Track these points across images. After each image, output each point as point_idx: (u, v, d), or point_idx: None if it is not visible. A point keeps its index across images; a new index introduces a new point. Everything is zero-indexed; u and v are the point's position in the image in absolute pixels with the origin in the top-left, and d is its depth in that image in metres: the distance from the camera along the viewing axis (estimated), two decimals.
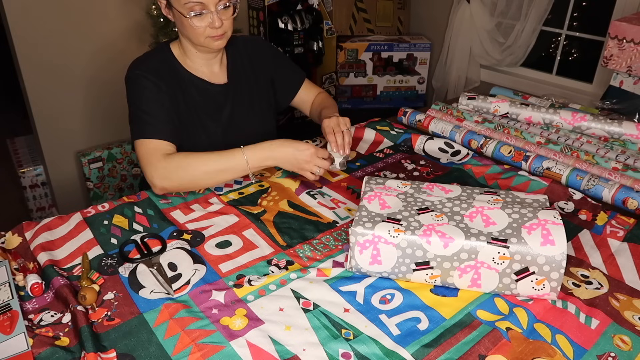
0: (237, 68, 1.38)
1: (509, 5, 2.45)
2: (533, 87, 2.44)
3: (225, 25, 1.21)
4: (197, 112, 1.32)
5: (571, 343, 0.84)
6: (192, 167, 1.17)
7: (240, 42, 1.40)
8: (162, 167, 1.16)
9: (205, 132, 1.33)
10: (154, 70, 1.24)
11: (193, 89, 1.31)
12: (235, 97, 1.37)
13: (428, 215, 0.95)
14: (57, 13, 2.10)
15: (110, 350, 0.82)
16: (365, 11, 2.92)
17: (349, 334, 0.86)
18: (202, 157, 1.18)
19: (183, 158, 1.18)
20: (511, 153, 1.38)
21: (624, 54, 1.61)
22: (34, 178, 2.45)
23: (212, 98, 1.34)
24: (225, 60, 1.37)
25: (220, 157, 1.18)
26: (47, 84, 2.18)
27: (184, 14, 1.17)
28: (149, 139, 1.19)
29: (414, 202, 1.00)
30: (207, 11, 1.17)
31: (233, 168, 1.18)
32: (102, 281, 0.97)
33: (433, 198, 1.02)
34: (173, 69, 1.29)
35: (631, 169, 1.27)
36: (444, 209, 0.98)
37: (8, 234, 1.10)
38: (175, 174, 1.16)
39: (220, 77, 1.35)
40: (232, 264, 1.02)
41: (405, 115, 1.65)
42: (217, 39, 1.23)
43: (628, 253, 1.05)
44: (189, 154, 1.19)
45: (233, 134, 1.36)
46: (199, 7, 1.16)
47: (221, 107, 1.35)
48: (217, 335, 0.84)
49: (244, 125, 1.39)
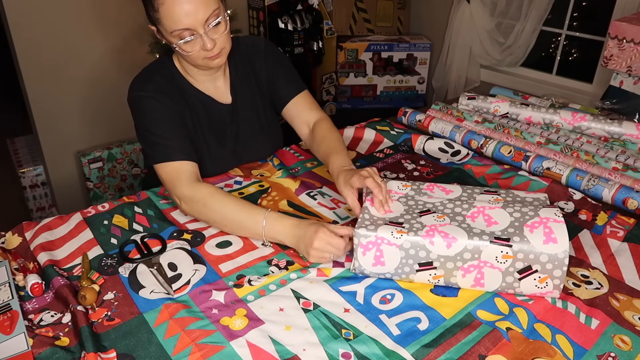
0: (240, 79, 1.31)
1: (509, 5, 2.45)
2: (533, 87, 2.44)
3: (220, 43, 1.12)
4: (203, 129, 1.27)
5: (571, 343, 0.84)
6: (213, 211, 1.09)
7: (242, 46, 1.32)
8: (187, 196, 1.11)
9: (209, 150, 1.29)
10: (158, 89, 1.17)
11: (200, 107, 1.26)
12: (241, 114, 1.32)
13: (430, 216, 0.96)
14: (58, 13, 2.10)
15: (110, 350, 0.82)
16: (365, 11, 2.92)
17: (349, 334, 0.85)
18: (225, 206, 1.09)
19: (208, 197, 1.10)
20: (511, 153, 1.38)
21: (624, 54, 1.61)
22: (34, 178, 2.45)
23: (218, 117, 1.29)
24: (229, 73, 1.30)
25: (241, 213, 1.07)
26: (47, 84, 2.18)
27: (173, 43, 1.10)
28: (168, 162, 1.14)
29: (415, 205, 1.01)
30: (196, 35, 1.08)
31: (249, 229, 1.07)
32: (102, 281, 0.97)
33: (434, 199, 1.02)
34: (178, 86, 1.23)
35: (631, 169, 1.27)
36: (445, 209, 0.98)
37: (8, 234, 1.10)
38: (196, 209, 1.11)
39: (224, 94, 1.30)
40: (232, 264, 1.02)
41: (405, 115, 1.65)
42: (215, 58, 1.14)
43: (628, 253, 1.05)
44: (216, 194, 1.10)
45: (240, 150, 1.34)
46: (187, 33, 1.08)
47: (227, 126, 1.30)
48: (217, 335, 0.84)
49: (250, 141, 1.35)
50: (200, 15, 1.06)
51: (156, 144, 1.15)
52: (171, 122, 1.17)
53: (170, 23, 1.07)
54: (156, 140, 1.15)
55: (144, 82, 1.19)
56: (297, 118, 1.34)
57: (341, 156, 1.18)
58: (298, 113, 1.34)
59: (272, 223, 1.05)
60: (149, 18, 1.13)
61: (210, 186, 1.13)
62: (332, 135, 1.27)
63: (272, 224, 1.05)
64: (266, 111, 1.37)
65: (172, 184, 1.13)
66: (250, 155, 1.38)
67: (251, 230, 1.07)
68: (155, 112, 1.16)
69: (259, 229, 1.05)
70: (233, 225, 1.08)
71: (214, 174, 1.31)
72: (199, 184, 1.13)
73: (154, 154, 1.15)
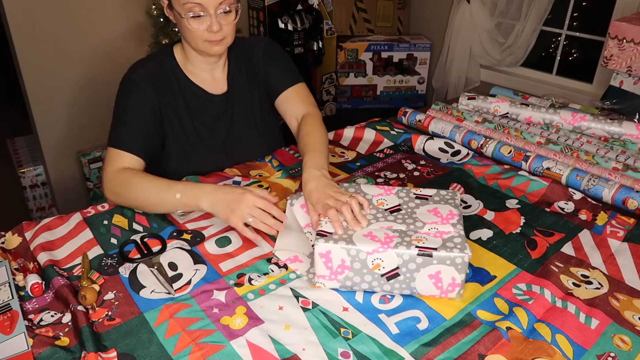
0: (238, 72, 1.33)
1: (509, 5, 2.45)
2: (533, 87, 2.45)
3: (225, 31, 1.16)
4: (195, 121, 1.28)
5: (571, 343, 0.84)
6: (133, 190, 1.12)
7: (244, 42, 1.34)
8: (111, 180, 1.14)
9: (202, 142, 1.29)
10: (151, 77, 1.21)
11: (192, 98, 1.27)
12: (235, 106, 1.33)
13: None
14: (58, 13, 2.10)
15: (110, 350, 0.82)
16: (365, 11, 2.92)
17: (348, 333, 0.86)
18: (144, 183, 1.11)
19: (130, 177, 1.12)
20: (511, 153, 1.38)
21: (624, 54, 1.61)
22: (34, 178, 2.45)
23: (211, 108, 1.30)
24: (227, 66, 1.32)
25: (158, 187, 1.10)
26: (47, 84, 2.18)
27: (182, 14, 1.13)
28: (115, 148, 1.17)
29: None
30: (206, 14, 1.12)
31: (165, 202, 1.09)
32: (102, 281, 0.97)
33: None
34: (172, 76, 1.25)
35: (631, 169, 1.27)
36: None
37: (8, 234, 1.10)
38: (119, 191, 1.13)
39: (220, 85, 1.31)
40: (233, 262, 1.02)
41: (405, 115, 1.65)
42: (216, 44, 1.17)
43: (628, 253, 1.05)
44: (138, 175, 1.13)
45: (231, 144, 1.34)
46: (197, 8, 1.11)
47: (220, 118, 1.31)
48: (217, 334, 0.85)
49: (243, 135, 1.35)
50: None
51: (116, 127, 1.19)
52: (140, 114, 1.20)
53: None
54: (118, 124, 1.19)
55: (139, 66, 1.23)
56: (288, 112, 1.32)
57: (316, 155, 1.12)
58: (290, 106, 1.32)
59: (190, 185, 1.09)
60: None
61: (132, 170, 1.15)
62: (315, 131, 1.21)
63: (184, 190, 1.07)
64: (262, 108, 1.37)
65: (105, 169, 1.16)
66: (242, 152, 1.37)
67: (166, 205, 1.09)
68: (130, 98, 1.20)
69: (172, 199, 1.07)
70: (153, 205, 1.11)
71: (205, 170, 1.31)
72: (124, 170, 1.15)
73: (110, 135, 1.19)
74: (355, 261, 0.90)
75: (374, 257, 0.89)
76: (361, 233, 0.92)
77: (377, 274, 0.90)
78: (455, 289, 0.91)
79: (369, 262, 0.90)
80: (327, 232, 0.93)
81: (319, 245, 0.90)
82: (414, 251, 0.88)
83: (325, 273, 0.93)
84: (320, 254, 0.91)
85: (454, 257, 0.87)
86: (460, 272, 0.88)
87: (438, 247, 0.88)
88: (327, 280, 0.94)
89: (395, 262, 0.89)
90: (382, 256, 0.89)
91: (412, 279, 0.90)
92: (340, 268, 0.91)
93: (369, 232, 0.93)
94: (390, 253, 0.88)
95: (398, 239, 0.90)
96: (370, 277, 0.91)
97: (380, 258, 0.89)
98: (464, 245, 0.89)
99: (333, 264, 0.91)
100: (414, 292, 0.92)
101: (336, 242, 0.90)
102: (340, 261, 0.91)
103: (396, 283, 0.91)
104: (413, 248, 0.88)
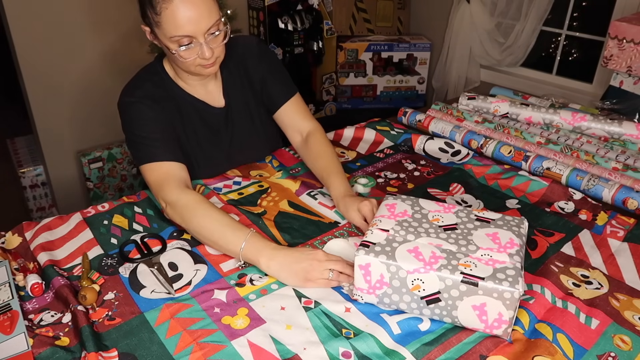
0: (233, 83, 1.29)
1: (509, 5, 2.45)
2: (533, 87, 2.45)
3: (216, 52, 1.11)
4: (197, 134, 1.26)
5: (571, 343, 0.84)
6: (194, 222, 1.05)
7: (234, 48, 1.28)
8: (172, 201, 1.08)
9: (205, 153, 1.28)
10: (149, 95, 1.16)
11: (192, 111, 1.24)
12: (235, 119, 1.31)
13: None
14: (58, 14, 2.10)
15: (111, 350, 0.82)
16: (365, 11, 2.92)
17: (349, 333, 0.86)
18: (207, 218, 1.04)
19: (193, 206, 1.06)
20: (511, 153, 1.38)
21: (624, 54, 1.61)
22: (34, 178, 2.45)
23: (212, 122, 1.28)
24: (220, 76, 1.28)
25: (221, 231, 1.02)
26: (48, 84, 2.18)
27: (171, 48, 1.08)
28: (156, 163, 1.12)
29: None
30: (195, 42, 1.07)
31: (229, 243, 1.01)
32: (103, 281, 0.97)
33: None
34: (169, 92, 1.21)
35: (631, 169, 1.27)
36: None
37: (8, 234, 1.10)
38: (180, 216, 1.07)
39: (217, 97, 1.27)
40: (233, 262, 1.02)
41: (405, 115, 1.65)
42: (209, 67, 1.13)
43: (628, 253, 1.05)
44: (201, 204, 1.06)
45: (235, 153, 1.34)
46: (186, 40, 1.06)
47: (222, 130, 1.30)
48: (218, 334, 0.85)
49: (246, 144, 1.35)
50: (203, 24, 1.05)
51: (142, 145, 1.13)
52: (158, 124, 1.15)
53: (171, 28, 1.05)
54: (142, 142, 1.13)
55: (133, 88, 1.18)
56: (289, 126, 1.34)
57: (340, 178, 1.18)
58: (291, 120, 1.33)
59: (254, 239, 0.99)
60: (145, 19, 1.10)
61: (197, 194, 1.09)
62: (328, 151, 1.26)
63: (254, 240, 0.99)
64: (260, 113, 1.35)
65: (159, 187, 1.10)
66: (246, 158, 1.38)
67: (229, 244, 1.01)
68: (142, 115, 1.14)
69: (239, 242, 0.99)
70: (213, 236, 1.03)
71: (210, 177, 1.30)
72: (186, 190, 1.10)
73: (140, 155, 1.13)
74: (395, 278, 0.85)
75: (414, 277, 0.83)
76: (406, 247, 0.87)
77: (417, 295, 0.85)
78: (502, 326, 0.82)
79: (408, 282, 0.84)
80: (371, 243, 0.88)
81: (359, 256, 0.86)
82: (458, 277, 0.81)
83: (364, 286, 0.88)
84: (360, 265, 0.87)
85: (502, 290, 0.79)
86: (508, 308, 0.80)
87: (486, 277, 0.80)
88: (366, 294, 0.90)
89: (437, 286, 0.83)
90: (424, 277, 0.83)
91: (454, 307, 0.83)
92: (378, 283, 0.87)
93: (414, 247, 0.87)
94: (432, 275, 0.82)
95: (444, 261, 0.83)
96: (409, 297, 0.86)
97: (421, 279, 0.83)
98: (516, 279, 0.80)
99: (372, 277, 0.87)
100: (455, 321, 0.85)
101: (377, 256, 0.85)
102: (380, 276, 0.86)
103: (436, 309, 0.85)
104: (458, 274, 0.81)
